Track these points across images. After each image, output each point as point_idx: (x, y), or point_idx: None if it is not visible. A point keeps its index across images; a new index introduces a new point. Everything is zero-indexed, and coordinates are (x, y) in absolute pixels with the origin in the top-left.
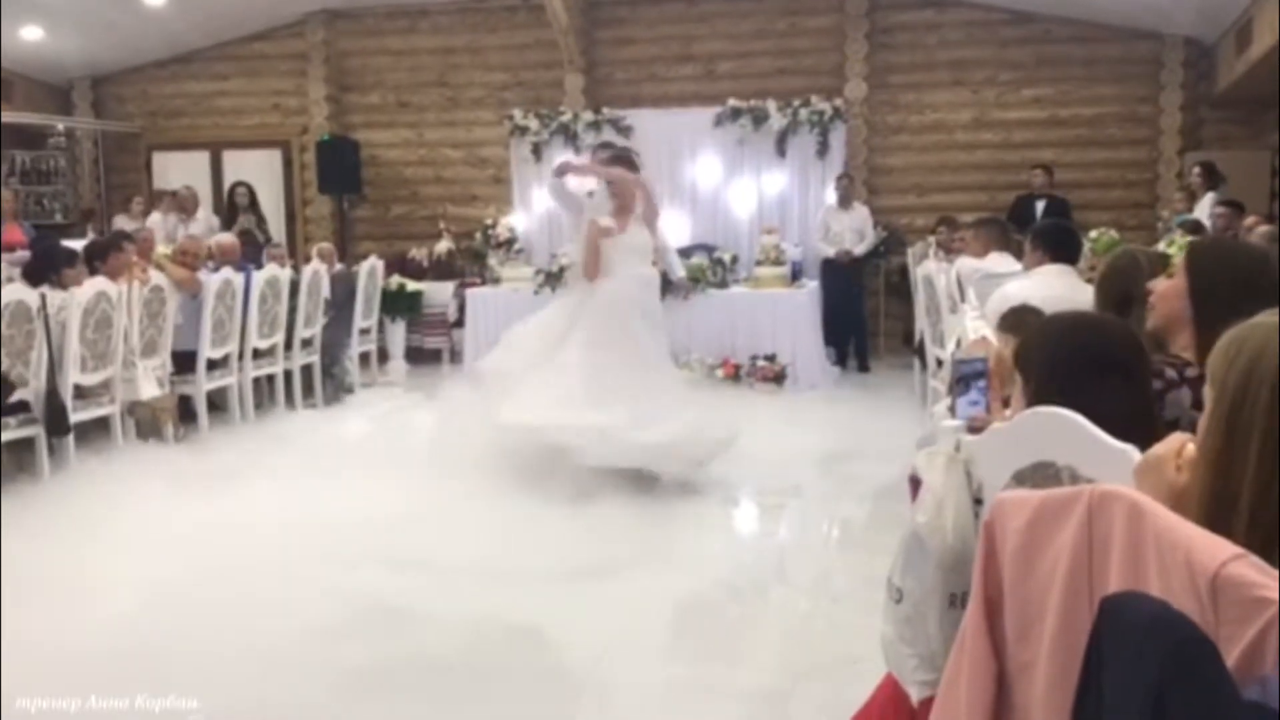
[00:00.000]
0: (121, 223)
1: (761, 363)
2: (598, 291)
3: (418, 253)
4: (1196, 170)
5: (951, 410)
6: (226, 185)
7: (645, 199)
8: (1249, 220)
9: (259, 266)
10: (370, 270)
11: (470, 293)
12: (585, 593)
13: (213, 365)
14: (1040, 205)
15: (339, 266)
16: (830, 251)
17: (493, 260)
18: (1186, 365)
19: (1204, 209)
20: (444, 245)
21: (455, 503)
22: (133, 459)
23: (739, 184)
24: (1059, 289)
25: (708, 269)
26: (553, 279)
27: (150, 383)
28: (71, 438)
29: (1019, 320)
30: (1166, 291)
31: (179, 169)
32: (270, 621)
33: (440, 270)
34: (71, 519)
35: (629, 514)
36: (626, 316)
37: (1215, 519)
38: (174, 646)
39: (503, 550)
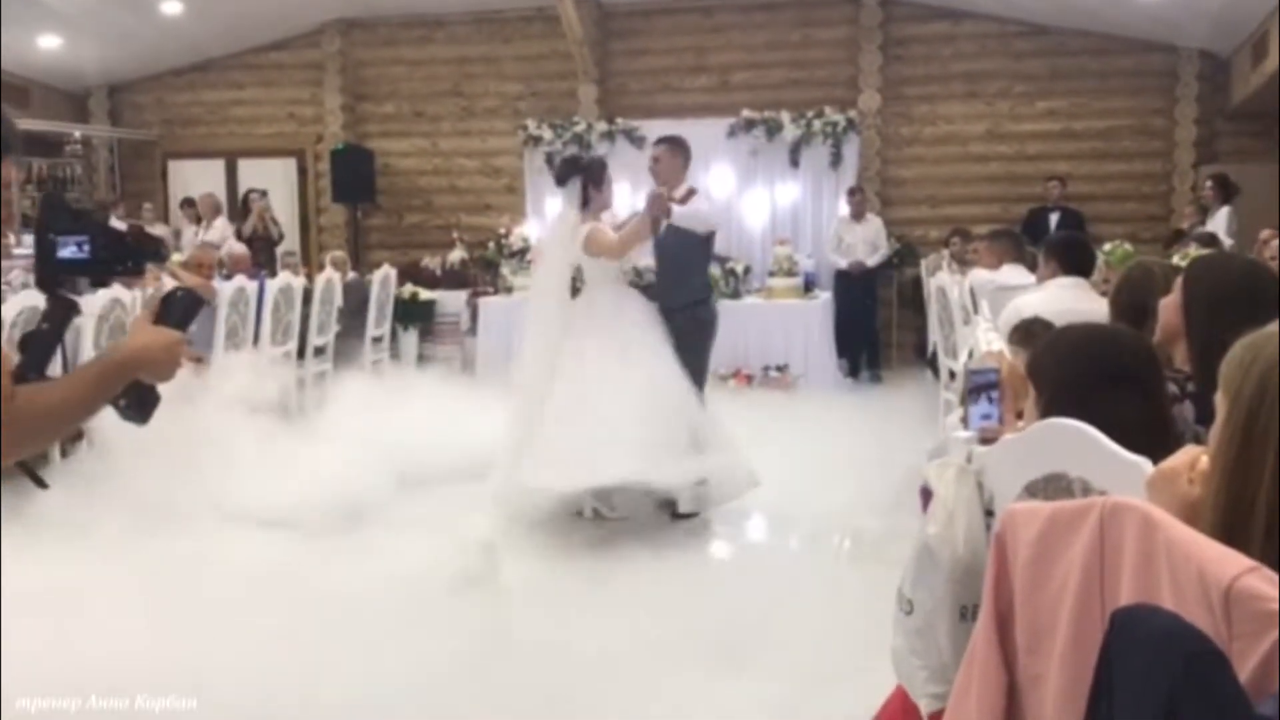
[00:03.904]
0: None
1: (774, 373)
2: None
3: (431, 261)
4: (1209, 183)
5: (964, 421)
6: (241, 193)
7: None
8: (1264, 234)
9: (272, 274)
10: (383, 279)
11: (483, 302)
12: (593, 602)
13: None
14: (1054, 217)
15: (352, 275)
16: (843, 263)
17: (505, 269)
18: (1188, 379)
19: (1219, 223)
20: (457, 254)
21: None
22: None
23: (752, 195)
24: (1072, 301)
25: (720, 280)
26: None
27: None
28: (85, 443)
29: (1032, 332)
30: (1166, 305)
31: (195, 177)
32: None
33: (453, 279)
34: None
35: (636, 525)
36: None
37: (1230, 530)
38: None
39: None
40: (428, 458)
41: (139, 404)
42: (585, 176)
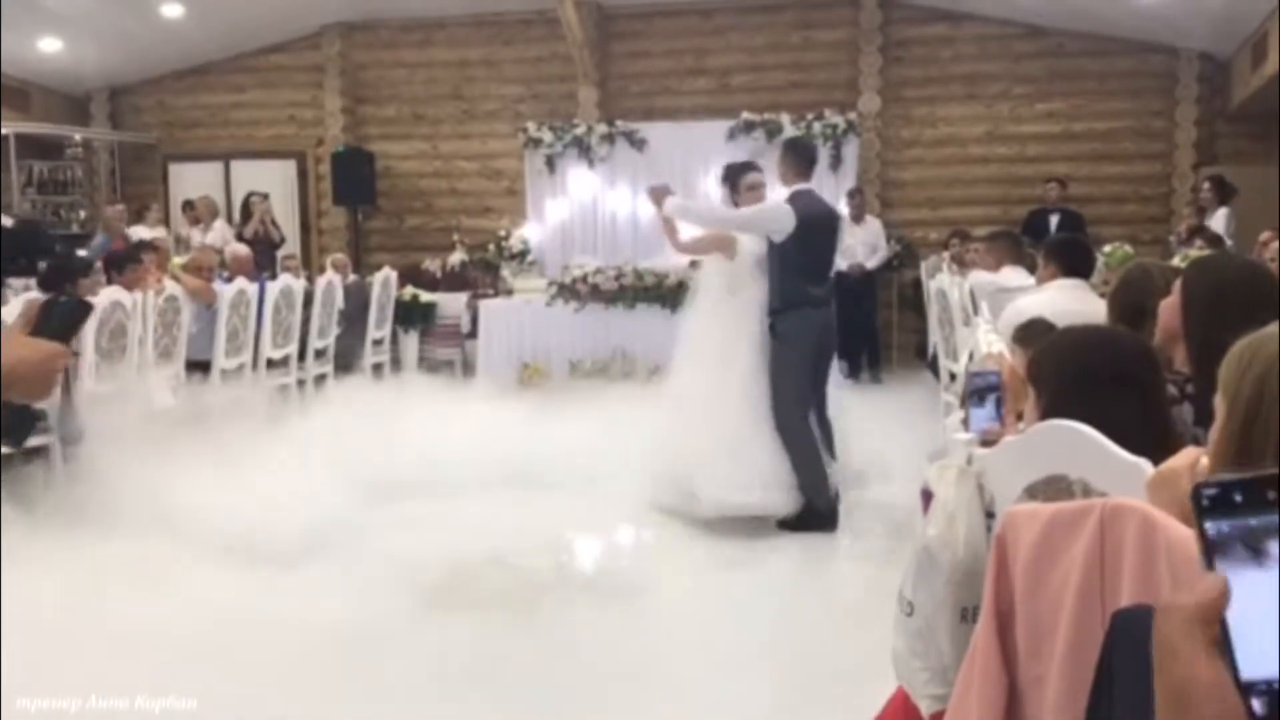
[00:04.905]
0: (139, 232)
1: None
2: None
3: (431, 264)
4: (1206, 185)
5: (964, 423)
6: (241, 196)
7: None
8: (1264, 235)
9: (273, 276)
10: (384, 281)
11: (483, 304)
12: (589, 604)
13: (226, 375)
14: (1054, 219)
15: (353, 277)
16: (843, 265)
17: (506, 272)
18: (1187, 380)
19: (1216, 224)
20: (457, 257)
21: None
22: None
23: None
24: (1072, 303)
25: None
26: (565, 290)
27: (164, 392)
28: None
29: (1032, 334)
30: (1165, 306)
31: (195, 180)
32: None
33: (453, 281)
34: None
35: (643, 523)
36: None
37: None
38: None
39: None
40: (425, 465)
41: (11, 425)
42: (729, 182)
